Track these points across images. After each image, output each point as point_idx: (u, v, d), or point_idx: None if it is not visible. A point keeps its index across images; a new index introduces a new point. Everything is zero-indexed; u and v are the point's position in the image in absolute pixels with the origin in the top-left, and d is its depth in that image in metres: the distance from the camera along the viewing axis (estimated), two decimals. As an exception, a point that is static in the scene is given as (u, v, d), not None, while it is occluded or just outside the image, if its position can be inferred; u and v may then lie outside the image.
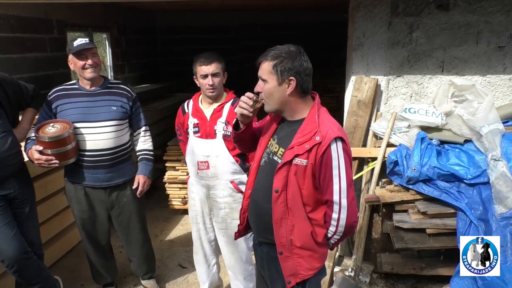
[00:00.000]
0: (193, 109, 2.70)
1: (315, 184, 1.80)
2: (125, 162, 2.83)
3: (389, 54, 3.24)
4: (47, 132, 2.55)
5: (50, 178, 3.42)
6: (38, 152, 2.53)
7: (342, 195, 1.77)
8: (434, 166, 2.90)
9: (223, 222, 2.73)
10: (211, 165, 2.63)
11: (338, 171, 1.75)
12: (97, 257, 2.96)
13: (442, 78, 3.25)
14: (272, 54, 1.80)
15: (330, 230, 1.86)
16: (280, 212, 1.85)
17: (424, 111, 3.13)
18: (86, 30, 5.90)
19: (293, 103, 1.83)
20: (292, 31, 8.22)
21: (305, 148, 1.76)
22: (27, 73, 4.42)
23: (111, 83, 2.78)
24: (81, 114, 2.65)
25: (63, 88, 2.76)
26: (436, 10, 3.13)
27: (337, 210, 1.79)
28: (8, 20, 4.20)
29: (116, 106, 2.71)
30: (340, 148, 1.75)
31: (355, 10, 3.23)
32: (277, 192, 1.84)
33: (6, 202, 2.52)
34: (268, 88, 1.82)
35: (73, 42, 2.63)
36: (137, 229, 2.93)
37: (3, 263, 2.52)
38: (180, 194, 4.66)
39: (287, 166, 1.81)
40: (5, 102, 2.54)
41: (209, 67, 2.55)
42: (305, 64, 1.79)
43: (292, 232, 1.85)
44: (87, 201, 2.79)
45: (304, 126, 1.80)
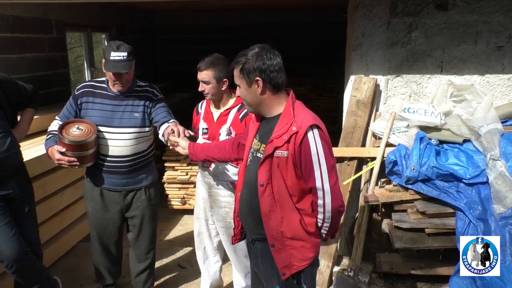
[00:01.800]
0: (205, 111, 2.76)
1: (298, 174, 1.85)
2: (143, 169, 2.78)
3: (388, 54, 3.25)
4: (71, 133, 2.51)
5: (49, 178, 3.42)
6: (60, 153, 2.50)
7: (324, 181, 1.81)
8: (433, 166, 2.90)
9: (223, 221, 2.76)
10: (213, 165, 2.69)
11: (317, 157, 1.80)
12: (103, 258, 2.94)
13: (441, 78, 3.26)
14: (238, 59, 1.88)
15: (319, 219, 1.90)
16: (267, 205, 1.89)
17: (423, 111, 3.13)
18: (85, 30, 5.90)
19: (267, 100, 1.89)
20: (291, 31, 8.24)
21: (283, 140, 1.82)
22: (26, 73, 4.42)
23: (138, 86, 2.72)
24: (104, 118, 2.63)
25: (92, 85, 2.71)
26: (435, 10, 3.13)
27: (321, 196, 1.84)
28: (7, 20, 4.20)
29: (139, 113, 2.66)
30: (317, 135, 1.81)
31: (354, 10, 3.23)
32: (262, 186, 1.88)
33: (5, 202, 2.52)
34: (241, 92, 1.92)
35: (111, 52, 2.51)
36: (148, 235, 2.89)
37: (2, 263, 2.52)
38: (179, 194, 4.67)
39: (269, 159, 1.86)
40: (4, 103, 2.54)
41: (200, 74, 2.59)
42: (269, 62, 1.84)
43: (281, 223, 1.89)
44: (102, 201, 2.78)
45: (281, 120, 1.87)
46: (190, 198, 4.63)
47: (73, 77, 8.92)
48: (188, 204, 4.66)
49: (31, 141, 3.60)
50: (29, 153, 3.22)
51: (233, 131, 2.63)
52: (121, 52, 2.52)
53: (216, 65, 2.58)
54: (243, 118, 2.64)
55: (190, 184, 4.58)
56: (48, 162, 3.37)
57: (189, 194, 4.64)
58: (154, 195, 2.86)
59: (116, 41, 2.61)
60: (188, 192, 4.63)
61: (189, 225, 4.50)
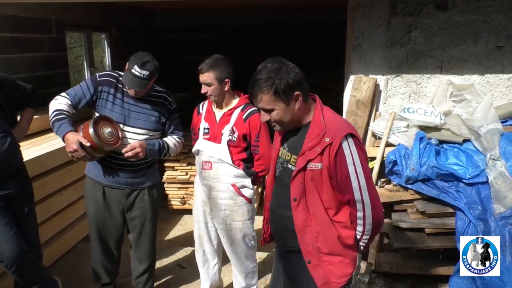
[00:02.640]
0: (206, 111, 2.74)
1: (334, 186, 1.75)
2: (148, 169, 2.76)
3: (388, 54, 3.25)
4: (104, 135, 2.46)
5: (49, 178, 3.42)
6: (80, 144, 2.39)
7: (363, 192, 1.72)
8: (433, 165, 2.91)
9: (223, 224, 2.75)
10: (214, 167, 2.67)
11: (354, 167, 1.70)
12: (103, 257, 2.92)
13: (441, 78, 3.26)
14: (263, 84, 1.71)
15: (358, 231, 1.80)
16: (301, 219, 1.80)
17: (423, 110, 3.14)
18: (85, 30, 5.90)
19: (300, 112, 1.78)
20: (291, 30, 8.24)
21: (316, 152, 1.72)
22: (26, 73, 4.42)
23: (155, 90, 2.71)
24: (122, 115, 2.60)
25: (116, 77, 2.63)
26: (434, 10, 3.14)
27: (361, 208, 1.74)
28: (6, 20, 4.20)
29: (155, 117, 2.66)
30: (352, 144, 1.71)
31: (354, 10, 3.23)
32: (295, 200, 1.80)
33: (5, 202, 2.52)
34: (277, 114, 1.76)
35: (135, 65, 2.46)
36: (148, 236, 2.87)
37: (2, 263, 2.52)
38: (179, 194, 4.67)
39: (301, 173, 1.76)
40: (4, 103, 2.54)
41: (202, 76, 2.58)
42: (297, 71, 1.73)
43: (317, 239, 1.79)
44: (104, 200, 2.75)
45: (312, 130, 1.76)
46: (189, 198, 4.63)
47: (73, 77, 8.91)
48: (187, 204, 4.67)
49: (30, 141, 3.60)
50: (28, 153, 3.22)
51: (236, 131, 2.62)
52: (144, 70, 2.48)
53: (217, 66, 2.56)
54: (247, 118, 2.63)
55: (189, 184, 4.58)
56: (48, 162, 3.38)
57: (188, 194, 4.64)
58: (156, 195, 2.85)
59: (146, 55, 2.52)
60: (188, 192, 4.64)
61: (188, 225, 4.50)
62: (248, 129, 2.63)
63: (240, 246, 2.79)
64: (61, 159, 3.56)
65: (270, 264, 3.59)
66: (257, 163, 2.74)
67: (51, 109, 2.52)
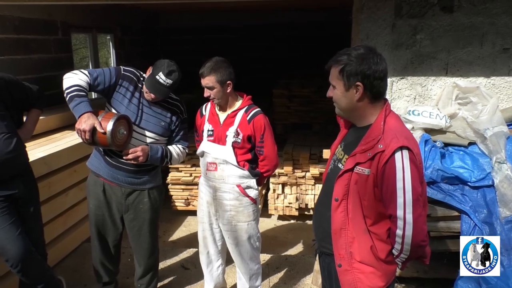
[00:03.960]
0: (209, 113, 2.75)
1: (377, 196, 1.68)
2: (149, 172, 2.77)
3: (393, 56, 3.25)
4: (117, 132, 2.47)
5: (54, 178, 3.44)
6: (93, 129, 2.38)
7: (406, 210, 1.62)
8: (438, 168, 2.89)
9: (228, 224, 2.76)
10: (219, 168, 2.68)
11: (403, 183, 1.61)
12: (102, 255, 2.94)
13: (446, 80, 3.25)
14: (339, 58, 1.69)
15: (395, 248, 1.73)
16: (339, 222, 1.76)
17: (428, 113, 3.13)
18: (90, 32, 5.94)
19: (362, 109, 1.72)
20: (295, 31, 8.25)
21: (367, 156, 1.66)
22: (32, 74, 4.45)
23: (170, 98, 2.73)
24: (133, 114, 2.61)
25: (138, 76, 2.66)
26: (440, 12, 3.13)
27: (401, 226, 1.65)
28: (13, 21, 4.24)
29: (165, 122, 2.69)
30: (406, 158, 1.61)
31: (359, 12, 3.23)
32: (336, 200, 1.75)
33: (10, 202, 2.54)
34: (335, 94, 1.74)
35: (160, 72, 2.48)
36: (147, 238, 2.87)
37: (7, 262, 2.54)
38: (183, 195, 4.69)
39: (348, 174, 1.71)
40: (10, 104, 2.56)
41: (203, 80, 2.59)
42: (375, 67, 1.65)
43: (352, 244, 1.74)
44: (104, 198, 2.76)
45: (369, 133, 1.70)
46: (194, 199, 4.65)
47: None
48: (191, 205, 4.68)
49: (36, 141, 3.63)
50: (34, 154, 3.25)
51: (240, 133, 2.63)
52: (169, 79, 2.50)
53: (218, 69, 2.57)
54: (251, 120, 2.64)
55: (194, 185, 4.60)
56: (53, 163, 3.41)
57: (193, 195, 4.66)
58: (157, 198, 2.85)
59: (172, 64, 2.55)
60: (192, 193, 4.66)
61: (192, 226, 4.52)
62: (253, 130, 2.64)
63: (245, 247, 2.80)
64: (67, 159, 3.59)
65: (274, 266, 3.61)
66: (262, 164, 2.75)
67: (70, 82, 2.46)
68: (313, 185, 4.56)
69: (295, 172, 4.55)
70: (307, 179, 4.55)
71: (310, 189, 4.58)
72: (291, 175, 4.54)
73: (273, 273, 3.52)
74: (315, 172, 4.48)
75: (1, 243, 2.49)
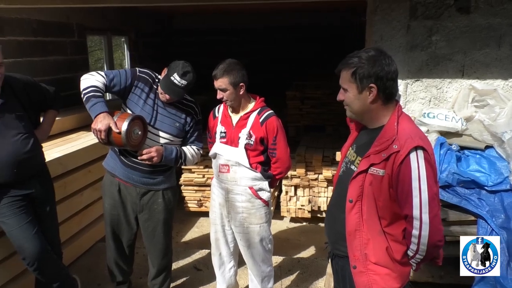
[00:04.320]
0: (222, 115, 2.75)
1: (393, 196, 1.68)
2: (164, 173, 2.79)
3: (407, 57, 3.21)
4: (132, 132, 2.49)
5: (70, 178, 3.49)
6: (108, 129, 2.42)
7: (423, 210, 1.62)
8: (453, 172, 2.85)
9: (240, 226, 2.76)
10: (231, 170, 2.68)
11: (419, 183, 1.61)
12: (116, 254, 2.96)
13: (462, 83, 3.20)
14: (350, 61, 1.70)
15: (411, 249, 1.72)
16: (354, 223, 1.75)
17: (444, 116, 3.09)
18: (105, 34, 6.01)
19: (375, 110, 1.73)
20: (310, 33, 8.24)
21: (381, 157, 1.66)
22: (48, 75, 4.53)
23: (185, 99, 2.75)
24: (149, 114, 2.63)
25: (153, 77, 2.69)
26: (456, 13, 3.09)
27: (417, 227, 1.65)
28: (31, 24, 4.32)
29: (179, 123, 2.71)
30: (421, 157, 1.61)
31: (373, 13, 3.21)
32: (351, 202, 1.75)
33: (27, 202, 2.59)
34: (348, 97, 1.74)
35: (175, 74, 2.51)
36: (161, 238, 2.89)
37: (24, 260, 2.58)
38: (196, 196, 4.71)
39: (362, 175, 1.72)
40: (28, 105, 2.61)
41: (216, 82, 2.59)
42: (387, 68, 1.67)
43: (367, 246, 1.74)
44: (120, 198, 2.79)
45: (383, 134, 1.70)
46: (206, 200, 4.66)
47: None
48: (204, 206, 4.70)
49: (52, 142, 3.68)
50: (50, 154, 3.29)
51: (253, 135, 2.63)
52: (184, 80, 2.53)
53: (231, 71, 2.57)
54: (263, 122, 2.64)
55: (206, 186, 4.62)
56: (69, 163, 3.45)
57: (205, 196, 4.67)
58: (171, 199, 2.86)
59: (187, 65, 2.57)
60: (205, 194, 4.67)
61: (205, 227, 4.53)
62: (265, 132, 2.64)
63: (257, 250, 2.80)
64: (82, 160, 3.64)
65: (286, 269, 3.60)
66: (274, 166, 2.74)
67: (87, 83, 2.51)
68: (326, 187, 4.53)
69: (307, 174, 4.53)
70: (319, 182, 4.53)
71: (323, 191, 4.55)
72: (303, 177, 4.53)
73: (285, 276, 3.51)
74: (327, 174, 4.46)
75: (18, 242, 2.53)
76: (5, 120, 2.46)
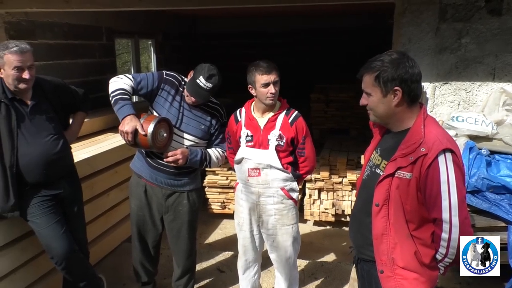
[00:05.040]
0: (246, 118, 2.70)
1: (420, 200, 1.66)
2: (189, 174, 2.81)
3: (436, 60, 3.15)
4: (158, 134, 2.53)
5: (97, 179, 3.56)
6: (135, 131, 2.46)
7: (452, 213, 1.61)
8: (483, 177, 2.78)
9: (273, 229, 2.74)
10: (262, 173, 2.66)
11: (448, 186, 1.60)
12: (141, 255, 2.99)
13: (493, 86, 3.12)
14: (373, 65, 1.69)
15: (440, 252, 1.70)
16: (380, 227, 1.74)
17: (473, 119, 3.01)
18: (133, 37, 6.12)
19: (400, 113, 1.71)
20: (335, 36, 8.17)
21: (409, 160, 1.64)
22: (78, 78, 4.64)
23: (211, 102, 2.78)
24: (174, 117, 2.67)
25: (180, 80, 2.73)
26: (487, 15, 3.01)
27: (447, 230, 1.63)
28: (62, 27, 4.43)
29: (204, 125, 2.74)
30: (450, 160, 1.60)
31: (401, 16, 3.16)
32: (377, 206, 1.74)
33: (56, 201, 2.65)
34: (372, 101, 1.73)
35: (201, 77, 2.54)
36: (186, 240, 2.90)
37: (52, 260, 2.65)
38: (220, 199, 4.73)
39: (389, 179, 1.70)
40: (58, 108, 2.68)
41: (271, 76, 2.55)
42: (411, 70, 1.65)
43: (394, 250, 1.72)
44: (146, 199, 2.82)
45: (409, 137, 1.68)
46: (229, 202, 4.68)
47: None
48: (227, 208, 4.72)
49: (81, 143, 3.77)
50: (78, 155, 3.37)
51: (283, 136, 2.61)
52: (209, 83, 2.56)
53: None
54: (293, 122, 2.63)
55: (230, 188, 4.63)
56: (96, 164, 3.52)
57: (229, 198, 4.69)
58: (196, 200, 2.88)
59: (213, 68, 2.60)
60: (228, 196, 4.68)
61: (228, 230, 4.54)
62: (295, 132, 2.63)
63: (289, 252, 2.78)
64: (109, 160, 3.70)
65: (309, 273, 3.57)
66: (302, 165, 2.74)
67: (116, 86, 2.58)
68: (350, 191, 4.48)
69: (331, 178, 4.49)
70: (344, 185, 4.48)
71: (347, 195, 4.50)
72: (327, 180, 4.49)
73: (309, 280, 3.48)
74: (352, 178, 4.40)
75: (47, 241, 2.59)
76: (36, 121, 2.53)
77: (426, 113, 1.74)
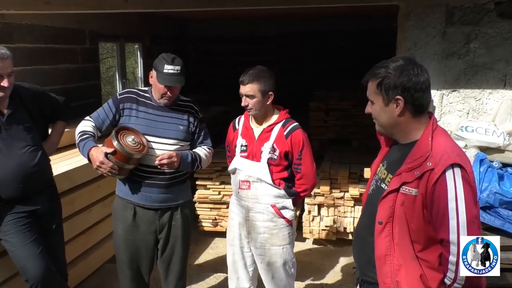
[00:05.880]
0: (243, 127, 2.74)
1: (427, 218, 1.64)
2: (182, 184, 2.81)
3: (443, 66, 3.17)
4: (127, 143, 2.54)
5: (78, 194, 3.52)
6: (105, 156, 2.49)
7: (461, 234, 1.58)
8: (495, 191, 2.78)
9: (261, 248, 2.72)
10: (252, 187, 2.66)
11: (456, 204, 1.57)
12: (132, 283, 2.88)
13: (504, 93, 3.14)
14: (376, 71, 1.69)
15: (448, 277, 1.66)
16: (384, 247, 1.72)
17: (484, 129, 3.02)
18: (118, 41, 6.14)
19: (404, 124, 1.70)
20: (334, 39, 8.24)
21: (414, 175, 1.63)
22: (59, 84, 4.63)
23: (181, 100, 2.81)
24: (149, 127, 2.68)
25: (136, 92, 2.79)
26: (497, 19, 3.04)
27: (455, 252, 1.60)
28: (42, 31, 4.44)
29: (183, 126, 2.74)
30: (459, 176, 1.57)
31: (405, 19, 3.19)
32: (380, 223, 1.71)
33: (33, 218, 2.62)
34: (374, 110, 1.74)
35: (165, 64, 2.59)
36: (179, 258, 2.86)
37: (27, 282, 2.60)
38: (211, 215, 4.69)
39: (393, 194, 1.68)
40: (37, 116, 2.66)
41: (244, 87, 2.59)
42: (415, 79, 1.64)
43: (398, 272, 1.69)
44: (133, 221, 2.77)
45: (415, 150, 1.67)
46: (222, 219, 4.64)
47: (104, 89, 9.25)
48: (220, 226, 4.68)
49: (60, 154, 3.74)
50: (57, 168, 3.34)
51: (277, 149, 2.61)
52: (175, 65, 2.59)
53: (261, 77, 2.58)
54: (288, 135, 2.62)
55: (222, 204, 4.60)
56: (77, 178, 3.50)
57: (221, 215, 4.65)
58: (189, 214, 2.87)
59: (170, 54, 2.66)
60: (221, 213, 4.65)
61: (220, 249, 4.50)
62: (290, 146, 2.62)
63: (279, 274, 2.75)
64: (91, 174, 3.67)
65: (308, 296, 3.54)
66: (299, 183, 2.71)
67: (77, 132, 2.69)
68: (353, 206, 4.47)
69: (332, 192, 4.48)
70: (345, 200, 4.47)
71: (349, 211, 4.49)
72: (328, 195, 4.48)
73: (308, 303, 3.45)
74: (354, 192, 4.39)
75: (21, 262, 2.55)
76: (12, 131, 2.51)
77: (435, 124, 1.72)
